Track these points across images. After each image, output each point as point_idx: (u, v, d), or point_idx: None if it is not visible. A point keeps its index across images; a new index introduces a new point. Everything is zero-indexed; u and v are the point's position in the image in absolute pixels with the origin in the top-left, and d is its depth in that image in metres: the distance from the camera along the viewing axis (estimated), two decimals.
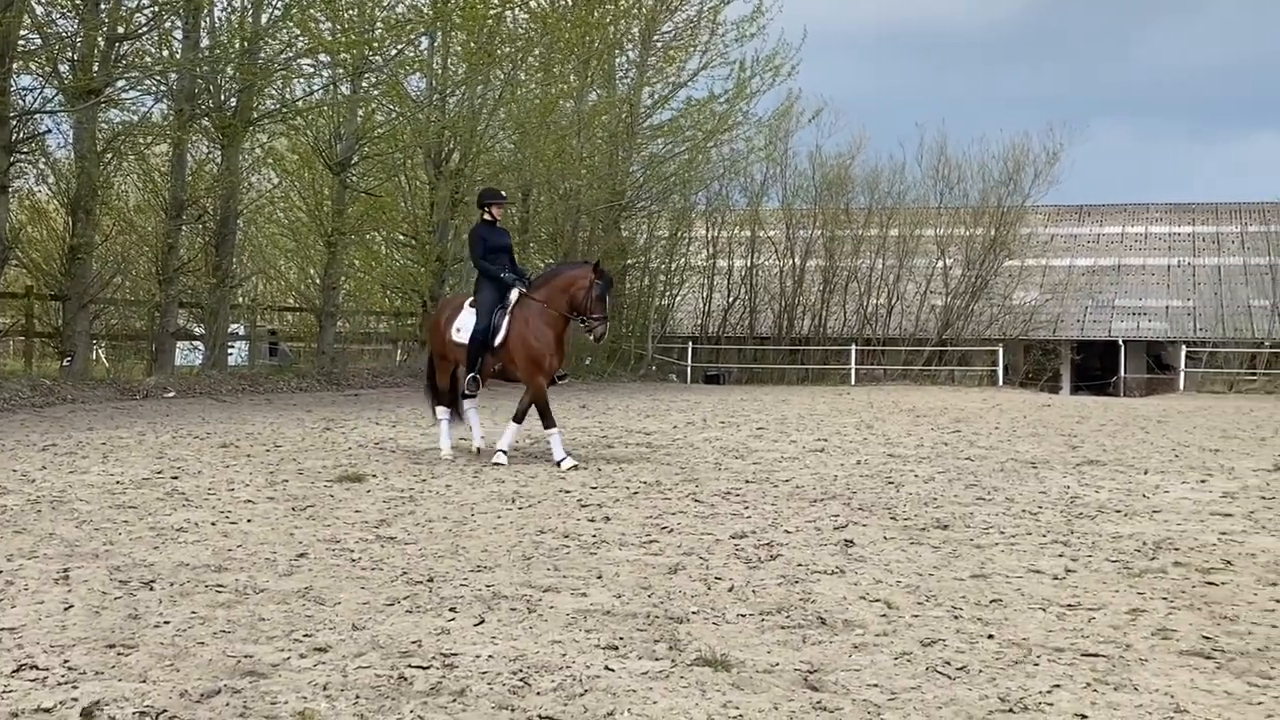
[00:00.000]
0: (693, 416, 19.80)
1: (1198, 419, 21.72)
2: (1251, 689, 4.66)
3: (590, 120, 34.93)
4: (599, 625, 5.56)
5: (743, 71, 38.39)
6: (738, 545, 7.67)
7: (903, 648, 5.22)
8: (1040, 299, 46.68)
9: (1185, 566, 7.11)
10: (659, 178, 39.08)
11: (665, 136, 38.92)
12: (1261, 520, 9.03)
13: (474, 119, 30.77)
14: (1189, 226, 53.21)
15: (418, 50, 29.32)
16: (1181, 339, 43.06)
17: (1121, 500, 10.08)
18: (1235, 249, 50.93)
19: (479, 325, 12.21)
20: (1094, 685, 4.68)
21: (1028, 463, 13.09)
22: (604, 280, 12.34)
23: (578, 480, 10.87)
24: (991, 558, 7.35)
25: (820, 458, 13.36)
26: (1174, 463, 13.33)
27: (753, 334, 46.43)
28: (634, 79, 38.14)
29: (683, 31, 38.69)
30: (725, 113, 38.60)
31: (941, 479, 11.45)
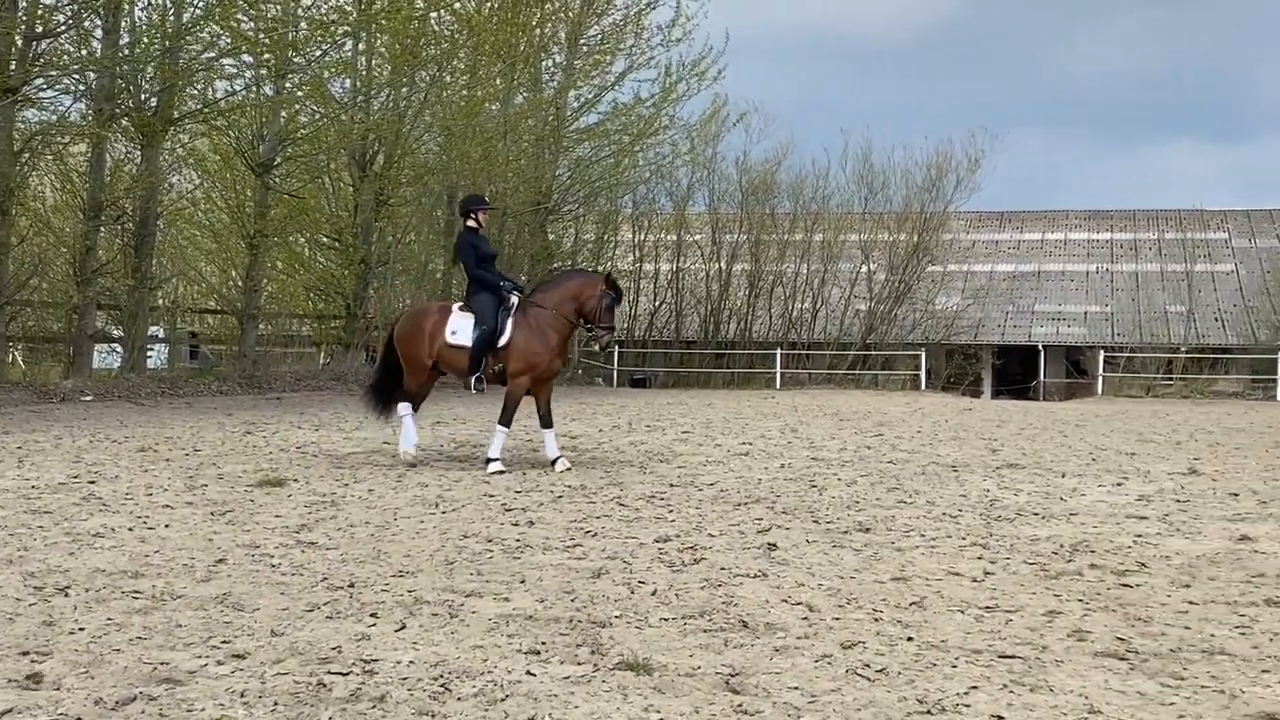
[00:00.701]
0: (618, 420, 19.83)
1: (1115, 423, 22.08)
2: (1164, 689, 4.74)
3: (516, 123, 34.84)
4: (521, 630, 5.54)
5: (668, 76, 38.54)
6: (661, 549, 7.68)
7: (823, 650, 5.25)
8: (962, 304, 47.26)
9: (1101, 569, 7.22)
10: (585, 181, 39.10)
11: (591, 140, 38.94)
12: (1176, 523, 9.18)
13: (399, 121, 30.61)
14: (1107, 233, 54.08)
15: (342, 51, 29.11)
16: (1100, 344, 43.77)
17: (1040, 503, 10.22)
18: (1152, 255, 51.84)
19: (485, 327, 12.22)
20: (1010, 686, 4.73)
21: (949, 466, 13.23)
22: (615, 292, 12.63)
23: (502, 484, 10.84)
24: (912, 560, 7.42)
25: (745, 461, 13.42)
26: (1091, 466, 13.54)
27: (679, 337, 46.58)
28: (560, 82, 38.11)
29: (609, 35, 38.75)
30: (651, 117, 38.71)
31: (864, 482, 11.54)
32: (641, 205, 45.86)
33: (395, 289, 33.68)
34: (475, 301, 12.43)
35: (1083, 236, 54.34)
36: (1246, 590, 6.65)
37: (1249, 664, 5.12)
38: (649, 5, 38.23)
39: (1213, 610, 6.14)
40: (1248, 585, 6.79)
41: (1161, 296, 48.27)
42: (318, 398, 24.14)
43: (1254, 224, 53.29)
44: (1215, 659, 5.19)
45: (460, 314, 12.49)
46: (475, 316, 12.33)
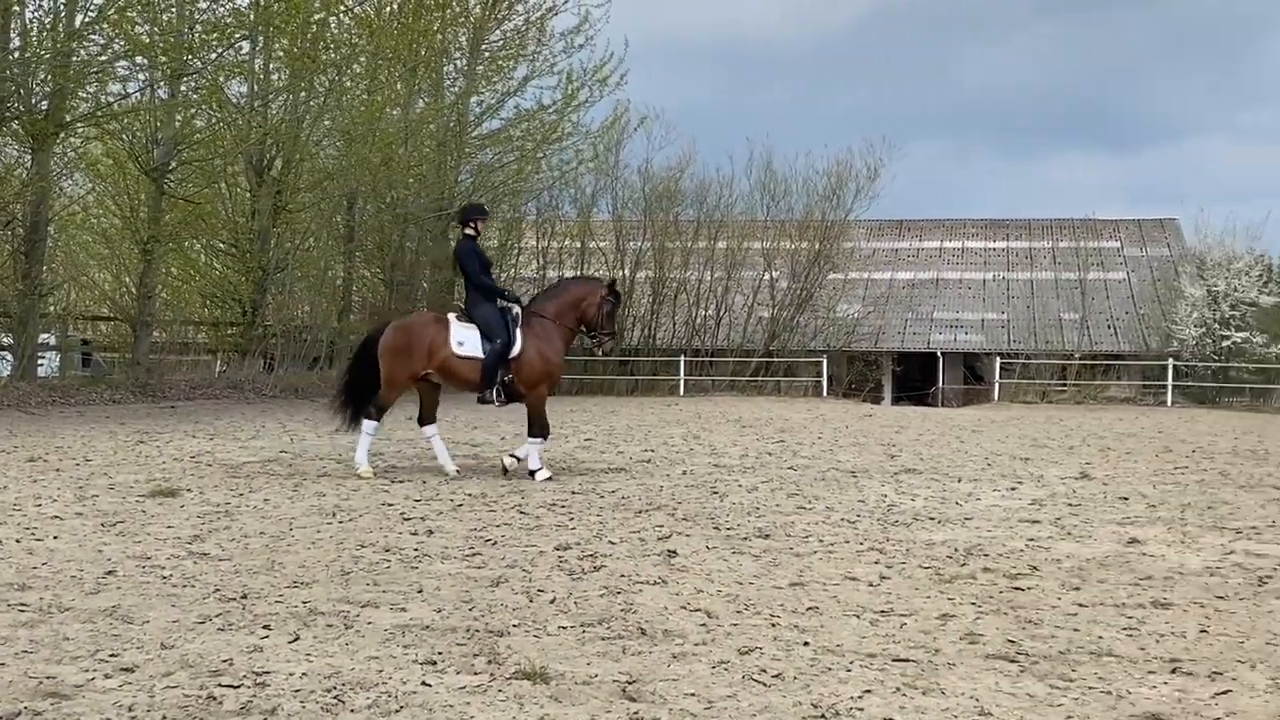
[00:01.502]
0: (521, 428, 19.71)
1: (1010, 428, 22.44)
2: (1053, 691, 4.82)
3: (417, 128, 34.56)
4: (417, 640, 5.49)
5: (571, 82, 38.47)
6: (561, 557, 7.66)
7: (721, 656, 5.27)
8: (863, 311, 47.73)
9: (994, 572, 7.33)
10: (488, 187, 38.85)
11: (494, 146, 38.74)
12: (1067, 526, 9.35)
13: (297, 125, 30.23)
14: (1004, 242, 55.02)
15: (239, 54, 28.67)
16: (996, 351, 44.45)
17: (936, 508, 10.35)
18: (1047, 264, 52.83)
19: (499, 340, 12.15)
20: (903, 690, 4.79)
21: (848, 472, 13.36)
22: (615, 298, 12.80)
23: (401, 493, 10.75)
24: (810, 566, 7.48)
25: (646, 468, 13.44)
26: (986, 471, 13.75)
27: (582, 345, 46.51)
28: (462, 87, 37.88)
29: (511, 41, 38.60)
30: (554, 122, 38.60)
31: (765, 489, 11.61)
32: (545, 211, 45.72)
33: (294, 295, 33.27)
34: (479, 312, 12.33)
35: (980, 245, 55.24)
36: (1134, 592, 6.79)
37: (1135, 665, 5.23)
38: (551, 11, 38.19)
39: (1101, 612, 6.26)
40: (1135, 588, 6.93)
41: (1056, 304, 49.20)
42: (213, 406, 23.74)
43: (1144, 233, 54.56)
44: (1103, 660, 5.29)
45: (461, 325, 12.35)
46: (481, 328, 12.22)
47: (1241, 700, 4.73)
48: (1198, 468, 14.44)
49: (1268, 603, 6.57)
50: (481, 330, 12.21)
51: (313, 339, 32.12)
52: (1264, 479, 13.19)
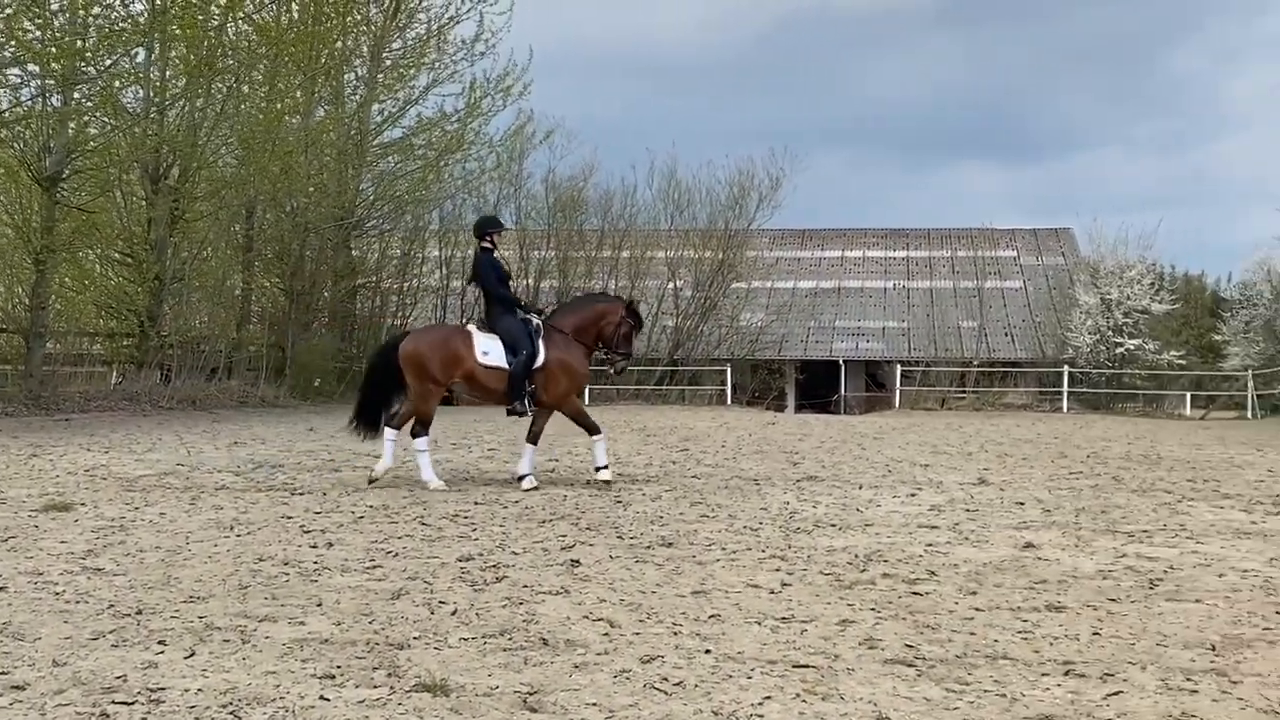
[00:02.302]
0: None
1: (910, 435, 22.72)
2: (949, 694, 4.89)
3: (317, 136, 34.21)
4: (316, 654, 5.43)
5: (474, 91, 38.32)
6: (463, 568, 7.62)
7: (623, 665, 5.27)
8: (766, 320, 48.14)
9: (893, 578, 7.41)
10: (390, 196, 38.59)
11: (396, 154, 38.46)
12: (965, 531, 9.49)
13: (194, 133, 29.76)
14: (904, 251, 55.75)
15: (134, 61, 28.17)
16: (897, 358, 45.03)
17: (837, 515, 10.45)
18: (946, 273, 53.63)
19: (525, 352, 12.28)
20: (803, 696, 4.83)
21: (751, 480, 13.45)
22: (636, 321, 13.02)
23: (301, 506, 10.62)
24: (713, 574, 7.51)
25: (550, 477, 13.40)
26: (887, 478, 13.91)
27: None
28: (363, 96, 37.57)
29: (412, 49, 38.34)
30: (457, 131, 38.41)
31: (669, 497, 11.64)
32: (449, 221, 45.54)
33: (191, 306, 32.75)
34: (502, 324, 12.45)
35: (880, 254, 55.93)
36: (1029, 596, 6.91)
37: (1030, 668, 5.32)
38: (452, 20, 38.02)
39: (997, 616, 6.36)
40: (1030, 591, 7.05)
41: (955, 312, 50.00)
42: (109, 418, 23.27)
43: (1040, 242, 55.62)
44: (998, 663, 5.38)
45: (484, 335, 12.44)
46: (506, 340, 12.33)
47: (1132, 701, 4.83)
48: (1092, 473, 14.73)
49: (1158, 605, 6.71)
50: (506, 342, 12.34)
51: (211, 350, 31.63)
52: (1156, 483, 13.49)
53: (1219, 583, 7.39)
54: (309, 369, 34.77)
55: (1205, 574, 7.69)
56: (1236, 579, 7.53)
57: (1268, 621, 6.30)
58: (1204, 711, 4.70)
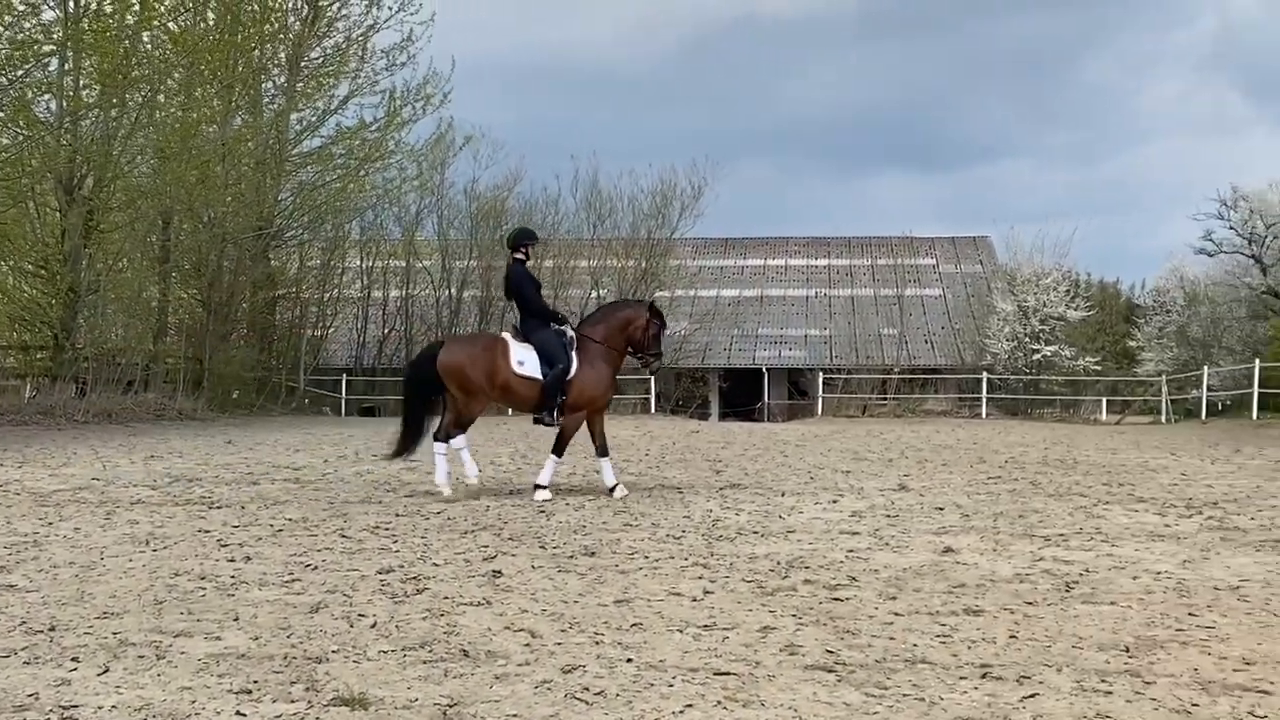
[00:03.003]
0: (345, 450, 19.46)
1: (832, 442, 22.87)
2: (869, 699, 4.92)
3: (235, 145, 33.84)
4: (232, 669, 5.35)
5: (394, 100, 38.17)
6: (384, 580, 7.55)
7: (544, 676, 5.25)
8: (689, 328, 48.27)
9: (814, 584, 7.45)
10: (309, 206, 38.27)
11: (315, 164, 38.15)
12: (885, 537, 9.56)
13: (109, 143, 29.33)
14: (825, 259, 56.18)
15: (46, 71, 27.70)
16: (819, 366, 45.32)
17: (760, 522, 10.49)
18: (867, 281, 54.12)
19: (561, 365, 12.43)
20: (724, 703, 4.83)
21: (674, 488, 13.47)
22: (660, 321, 13.20)
23: (218, 519, 10.48)
24: (635, 582, 7.50)
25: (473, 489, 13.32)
26: (809, 485, 13.98)
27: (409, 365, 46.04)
28: (281, 105, 37.23)
29: (332, 58, 38.12)
30: (377, 141, 38.20)
31: (592, 506, 11.63)
32: (369, 231, 45.25)
33: (107, 318, 32.23)
34: (539, 335, 12.60)
35: (802, 263, 56.32)
36: (948, 600, 6.97)
37: (948, 671, 5.36)
38: (372, 28, 37.82)
39: (916, 621, 6.41)
40: (949, 595, 7.12)
41: (876, 320, 50.46)
42: (22, 433, 22.82)
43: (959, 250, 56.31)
44: (917, 667, 5.42)
45: (519, 344, 12.56)
46: (540, 350, 12.48)
47: (1047, 703, 4.88)
48: (1010, 477, 14.91)
49: (1074, 607, 6.80)
50: (541, 353, 12.48)
51: (127, 363, 31.11)
52: (1072, 487, 13.68)
53: (1133, 585, 7.51)
54: (227, 381, 34.36)
55: (1120, 576, 7.81)
56: (1150, 581, 7.65)
57: (1181, 623, 6.40)
58: (1118, 712, 4.76)
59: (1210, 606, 6.83)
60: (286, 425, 29.21)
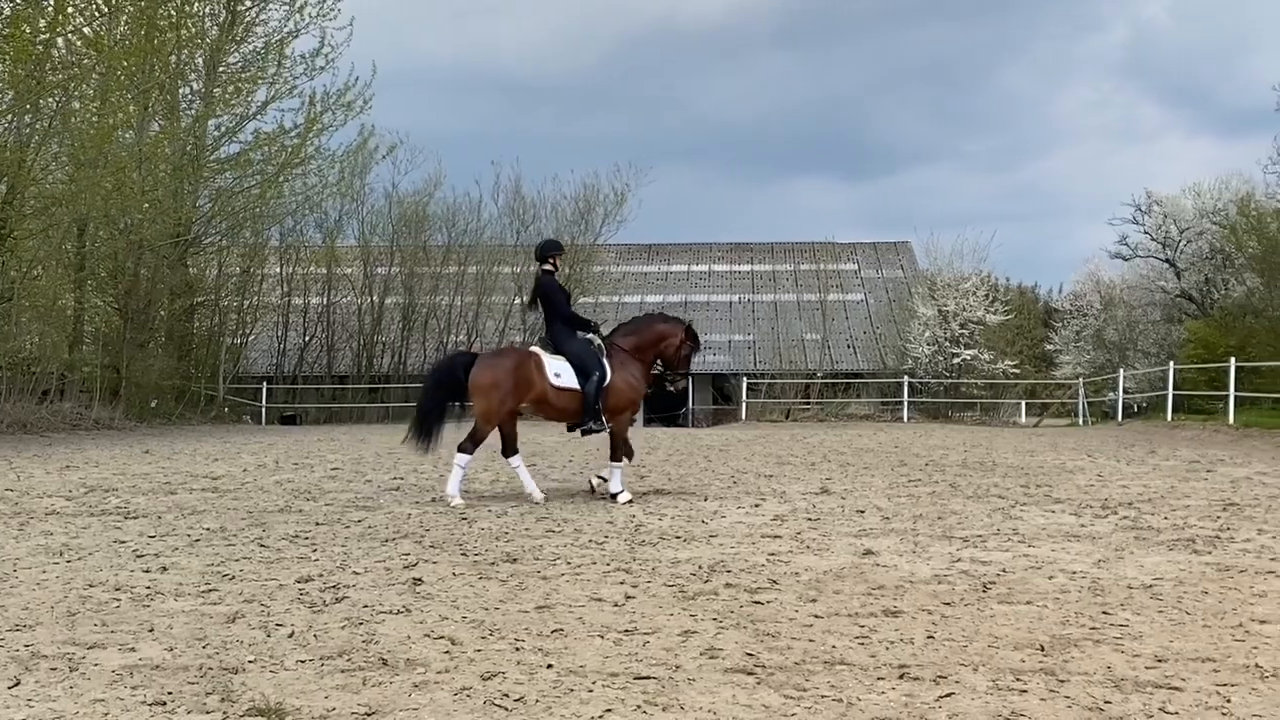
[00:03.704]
0: (265, 459, 19.23)
1: (756, 447, 22.97)
2: (787, 701, 4.95)
3: (152, 152, 33.36)
4: (146, 681, 5.28)
5: (314, 105, 37.82)
6: (302, 589, 7.48)
7: (463, 683, 5.22)
8: None
9: (735, 587, 7.48)
10: (228, 212, 37.80)
11: (234, 169, 37.67)
12: (806, 540, 9.62)
13: (22, 150, 28.79)
14: (748, 265, 56.48)
15: None
16: (743, 371, 45.52)
17: (682, 526, 10.51)
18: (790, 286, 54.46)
19: (597, 374, 12.64)
20: (644, 707, 4.84)
21: (598, 494, 13.45)
22: (695, 343, 13.52)
23: (135, 530, 10.32)
24: (557, 588, 7.49)
25: (395, 496, 13.26)
26: (732, 489, 14.04)
27: (331, 373, 45.67)
28: (199, 110, 36.77)
29: (250, 63, 37.70)
30: (297, 146, 37.82)
31: (514, 513, 11.59)
32: (289, 237, 44.84)
33: (21, 326, 31.63)
34: (572, 346, 12.78)
35: (726, 268, 56.58)
36: (867, 602, 7.03)
37: (866, 672, 5.41)
38: (291, 34, 37.46)
39: (836, 622, 6.45)
40: (868, 597, 7.17)
41: (799, 325, 50.78)
42: None
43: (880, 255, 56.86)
44: (836, 669, 5.46)
45: (551, 357, 12.72)
46: (575, 362, 12.65)
47: (963, 702, 4.94)
48: (929, 480, 15.06)
49: (990, 607, 6.88)
50: (575, 364, 12.65)
51: (42, 371, 30.57)
52: (990, 489, 13.85)
53: (1049, 584, 7.61)
54: (145, 390, 33.88)
55: (1036, 576, 7.92)
56: (1065, 580, 7.76)
57: (1095, 621, 6.50)
58: (1033, 711, 4.82)
59: (1124, 605, 6.94)
60: (205, 434, 28.86)
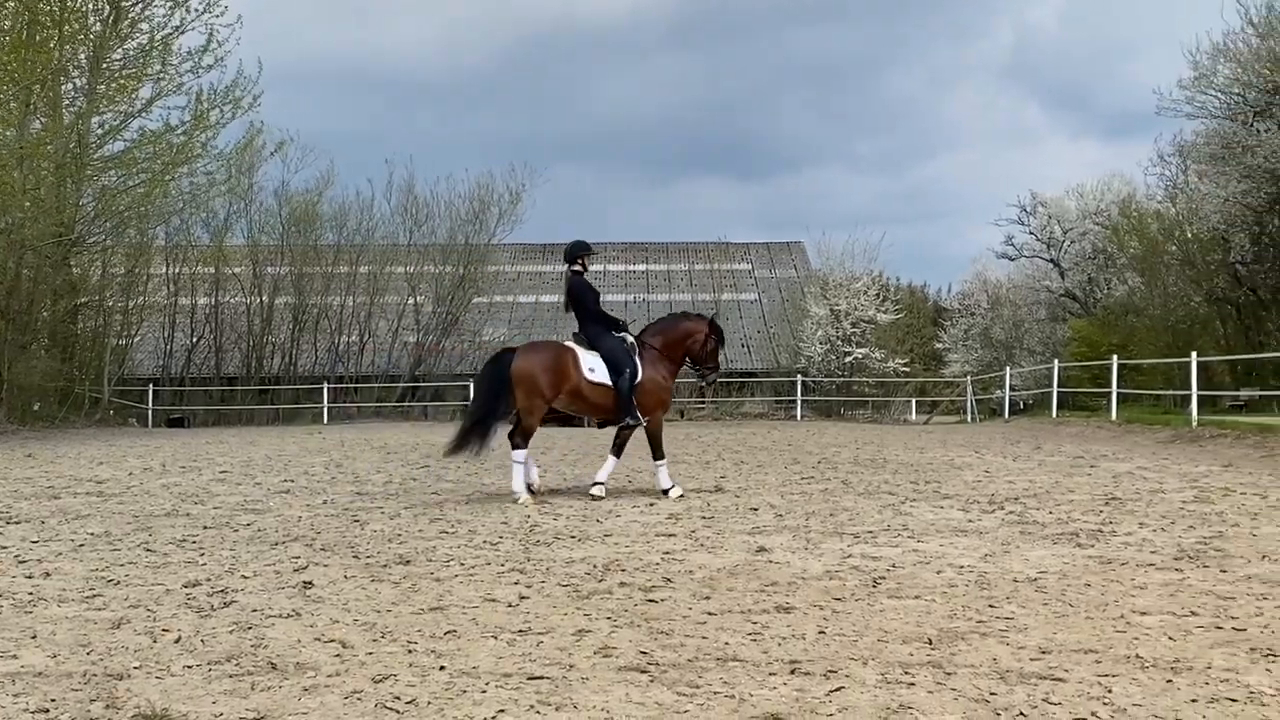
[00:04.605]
0: (151, 462, 18.88)
1: None
2: (680, 698, 4.97)
3: (33, 150, 32.56)
4: (29, 688, 5.15)
5: (201, 103, 37.19)
6: (190, 594, 7.35)
7: (354, 686, 5.17)
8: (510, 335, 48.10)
9: (630, 586, 7.49)
10: (113, 211, 37.00)
11: (119, 168, 36.87)
12: (701, 538, 9.67)
13: None
14: (643, 265, 56.65)
15: None
16: None
17: (578, 526, 10.51)
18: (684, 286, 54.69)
19: (629, 370, 12.95)
20: (537, 707, 4.83)
21: (493, 494, 13.41)
22: (719, 336, 13.83)
23: (16, 535, 10.07)
24: (450, 590, 7.44)
25: (285, 499, 13.08)
26: (627, 488, 14.08)
27: (219, 374, 44.94)
28: (82, 107, 35.95)
29: (135, 59, 36.94)
30: (183, 144, 37.15)
31: (408, 515, 11.50)
32: (176, 237, 44.04)
33: None
34: (605, 344, 13.07)
35: (621, 268, 56.67)
36: (760, 599, 7.08)
37: (758, 668, 5.45)
38: (177, 29, 36.77)
39: (729, 619, 6.49)
40: (761, 594, 7.23)
41: None
42: None
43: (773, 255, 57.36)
44: (728, 665, 5.49)
45: (587, 353, 13.03)
46: (608, 359, 12.95)
47: (853, 696, 5.00)
48: (822, 477, 15.22)
49: (880, 602, 6.97)
50: (608, 360, 12.95)
51: None
52: (881, 486, 14.04)
53: (937, 579, 7.73)
54: (27, 392, 33.09)
55: (925, 571, 8.04)
56: (953, 575, 7.88)
57: (981, 614, 6.61)
58: (920, 703, 4.89)
59: (1009, 598, 7.07)
60: (90, 437, 28.25)
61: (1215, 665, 5.45)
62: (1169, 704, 4.85)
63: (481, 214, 47.96)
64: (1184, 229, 43.91)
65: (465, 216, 48.08)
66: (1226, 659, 5.57)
